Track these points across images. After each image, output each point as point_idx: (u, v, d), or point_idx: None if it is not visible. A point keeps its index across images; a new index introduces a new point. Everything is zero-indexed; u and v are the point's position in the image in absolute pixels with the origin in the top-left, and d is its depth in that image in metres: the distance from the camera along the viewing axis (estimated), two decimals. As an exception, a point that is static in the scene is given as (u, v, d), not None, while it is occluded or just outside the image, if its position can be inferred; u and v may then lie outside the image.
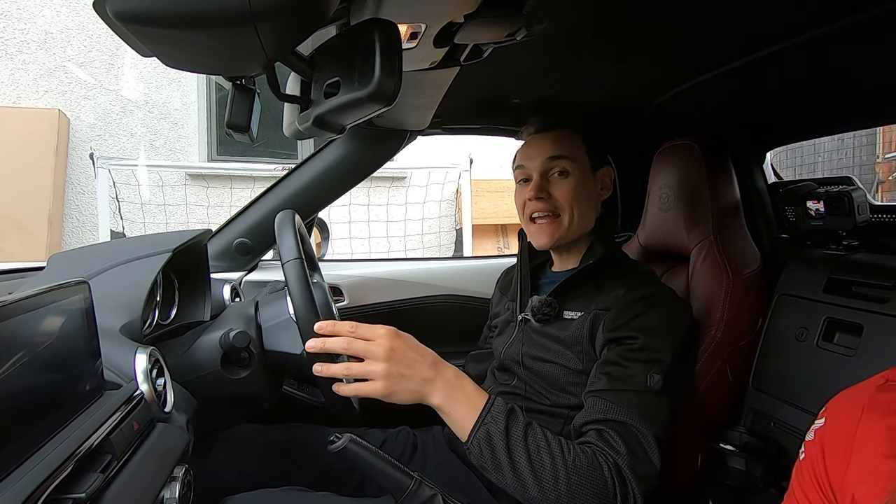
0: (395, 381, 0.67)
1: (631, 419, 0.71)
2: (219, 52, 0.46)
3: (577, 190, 0.89)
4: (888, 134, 3.84)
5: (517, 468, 0.67)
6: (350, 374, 0.68)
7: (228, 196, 3.82)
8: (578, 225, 0.91)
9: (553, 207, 0.90)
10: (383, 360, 0.67)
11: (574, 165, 0.90)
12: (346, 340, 0.67)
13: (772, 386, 0.97)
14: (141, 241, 0.85)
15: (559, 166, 0.90)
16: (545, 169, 0.90)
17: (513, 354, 0.92)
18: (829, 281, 0.95)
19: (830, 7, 0.67)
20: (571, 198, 0.89)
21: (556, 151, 0.90)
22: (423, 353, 0.70)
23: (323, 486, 0.84)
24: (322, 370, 0.68)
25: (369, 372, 0.67)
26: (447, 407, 0.69)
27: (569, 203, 0.89)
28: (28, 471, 0.43)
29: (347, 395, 0.70)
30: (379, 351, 0.67)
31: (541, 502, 0.67)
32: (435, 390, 0.69)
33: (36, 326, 0.49)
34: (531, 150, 0.93)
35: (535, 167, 0.91)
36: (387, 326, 0.70)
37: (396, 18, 0.55)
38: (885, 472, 0.44)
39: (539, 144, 0.92)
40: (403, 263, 1.52)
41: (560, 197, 0.89)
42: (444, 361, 0.72)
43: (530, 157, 0.92)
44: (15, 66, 3.52)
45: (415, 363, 0.69)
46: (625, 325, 0.78)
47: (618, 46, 0.85)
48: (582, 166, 0.91)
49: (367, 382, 0.68)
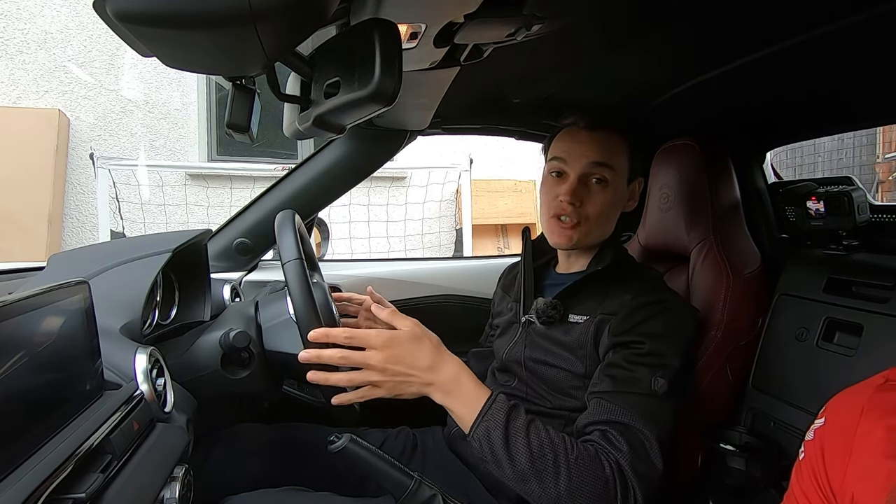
0: (393, 387, 0.70)
1: (634, 421, 0.71)
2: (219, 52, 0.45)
3: (610, 203, 0.86)
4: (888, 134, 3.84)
5: (517, 465, 0.67)
6: (351, 384, 0.69)
7: (228, 196, 3.82)
8: (598, 234, 0.89)
9: (580, 217, 0.86)
10: (380, 371, 0.68)
11: (615, 175, 0.86)
12: (343, 353, 0.68)
13: (772, 386, 0.97)
14: (141, 241, 0.85)
15: (600, 174, 0.85)
16: (585, 173, 0.86)
17: (515, 356, 0.91)
18: (829, 281, 0.95)
19: (831, 7, 0.67)
20: (601, 211, 0.86)
21: (602, 158, 0.85)
22: (419, 357, 0.70)
23: (323, 486, 0.84)
24: (320, 378, 0.69)
25: (368, 381, 0.69)
26: (448, 405, 0.71)
27: (597, 215, 0.86)
28: (28, 471, 0.43)
29: (348, 403, 0.71)
30: (374, 362, 0.68)
31: (541, 498, 0.67)
32: (434, 391, 0.71)
33: (36, 326, 0.49)
34: (575, 148, 0.86)
35: (575, 168, 0.86)
36: (381, 332, 0.70)
37: (396, 18, 0.54)
38: (885, 472, 0.44)
39: (585, 143, 0.86)
40: (403, 263, 1.52)
41: (591, 207, 0.86)
42: (442, 359, 0.72)
43: (573, 155, 0.86)
44: (15, 66, 3.52)
45: (412, 369, 0.69)
46: (631, 330, 0.78)
47: (618, 46, 0.85)
48: (620, 177, 0.87)
49: (366, 388, 0.69)
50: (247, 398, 0.91)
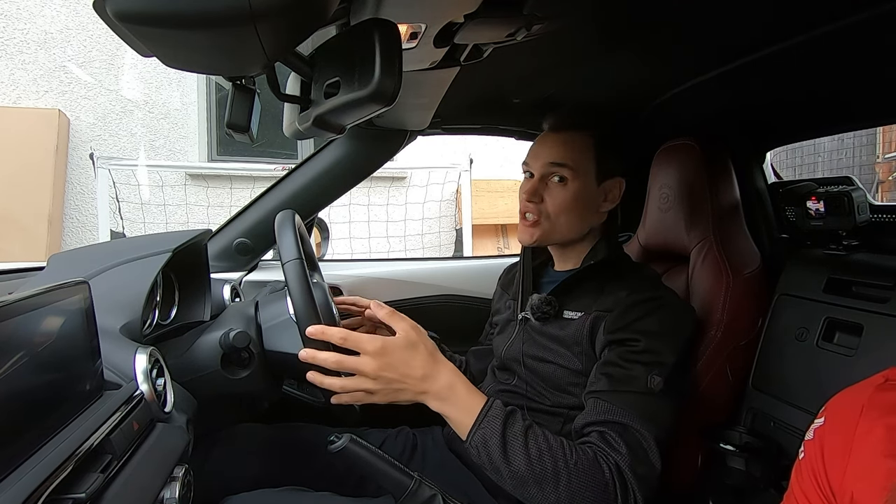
0: (387, 394, 0.70)
1: (632, 421, 0.71)
2: (219, 52, 0.45)
3: (570, 200, 0.87)
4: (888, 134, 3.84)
5: (515, 471, 0.67)
6: (345, 390, 0.69)
7: (228, 196, 3.82)
8: (562, 233, 0.89)
9: (540, 212, 0.88)
10: (373, 379, 0.68)
11: (575, 175, 0.87)
12: (337, 358, 0.68)
13: (772, 386, 0.97)
14: (141, 241, 0.85)
15: (559, 173, 0.87)
16: (545, 172, 0.89)
17: (513, 354, 0.92)
18: (829, 281, 0.95)
19: (831, 7, 0.67)
20: (561, 207, 0.87)
21: (559, 159, 0.87)
22: (413, 365, 0.70)
23: (323, 486, 0.84)
24: (317, 380, 0.69)
25: (361, 388, 0.69)
26: (444, 412, 0.71)
27: (557, 212, 0.87)
28: (28, 471, 0.43)
29: (346, 403, 0.72)
30: (368, 369, 0.68)
31: (541, 503, 0.67)
32: (429, 399, 0.71)
33: (36, 326, 0.49)
34: (538, 149, 0.91)
35: (536, 167, 0.90)
36: (375, 338, 0.69)
37: (396, 18, 0.54)
38: (884, 471, 0.44)
39: (546, 145, 0.90)
40: (403, 263, 1.52)
41: (551, 204, 0.88)
42: (437, 367, 0.71)
43: (535, 155, 0.90)
44: (15, 66, 3.52)
45: (405, 377, 0.69)
46: (626, 328, 0.78)
47: (618, 46, 0.85)
48: (584, 176, 0.87)
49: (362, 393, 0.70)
50: (247, 398, 0.91)
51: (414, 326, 0.73)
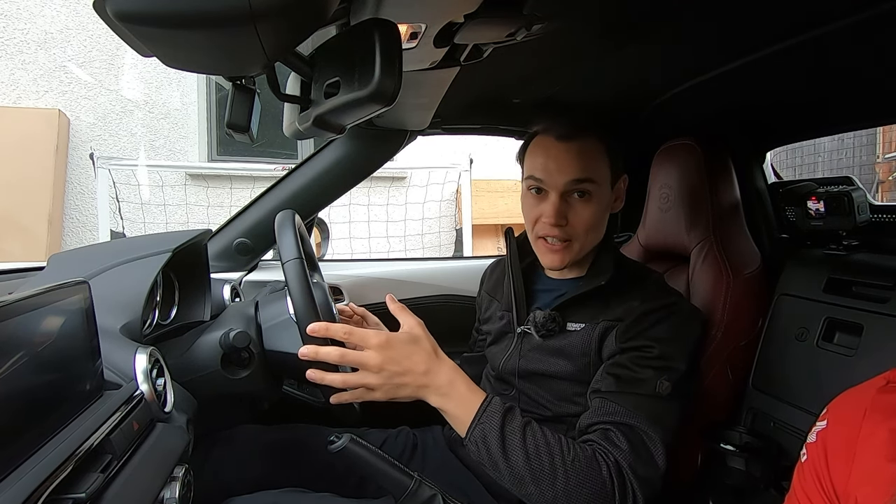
0: (389, 390, 0.69)
1: (639, 422, 0.70)
2: (219, 52, 0.45)
3: (596, 215, 0.82)
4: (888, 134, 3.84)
5: (513, 467, 0.67)
6: (347, 385, 0.69)
7: (228, 196, 3.82)
8: (589, 246, 0.85)
9: (569, 235, 0.82)
10: (376, 373, 0.68)
11: (597, 187, 0.81)
12: (340, 352, 0.67)
13: (772, 386, 0.97)
14: (141, 241, 0.85)
15: (582, 189, 0.80)
16: (566, 191, 0.81)
17: (512, 368, 0.90)
18: (829, 281, 0.95)
19: (830, 7, 0.67)
20: (589, 224, 0.82)
21: (581, 174, 0.79)
22: (416, 360, 0.70)
23: (323, 487, 0.84)
24: (317, 377, 0.69)
25: (364, 383, 0.68)
26: (443, 408, 0.71)
27: (585, 230, 0.82)
28: (28, 471, 0.43)
29: (346, 402, 0.71)
30: (371, 363, 0.68)
31: (539, 501, 0.67)
32: (430, 394, 0.71)
33: (36, 326, 0.49)
34: (552, 165, 0.81)
35: (554, 187, 0.81)
36: (379, 332, 0.70)
37: (396, 18, 0.54)
38: (889, 476, 0.44)
39: (562, 159, 0.80)
40: (403, 263, 1.52)
41: (578, 224, 0.81)
42: (439, 362, 0.71)
43: (550, 172, 0.81)
44: (15, 66, 3.52)
45: (408, 372, 0.69)
46: (640, 335, 0.77)
47: (618, 46, 0.85)
48: (603, 185, 0.82)
49: (363, 390, 0.69)
50: (247, 398, 0.91)
51: (419, 323, 0.74)
